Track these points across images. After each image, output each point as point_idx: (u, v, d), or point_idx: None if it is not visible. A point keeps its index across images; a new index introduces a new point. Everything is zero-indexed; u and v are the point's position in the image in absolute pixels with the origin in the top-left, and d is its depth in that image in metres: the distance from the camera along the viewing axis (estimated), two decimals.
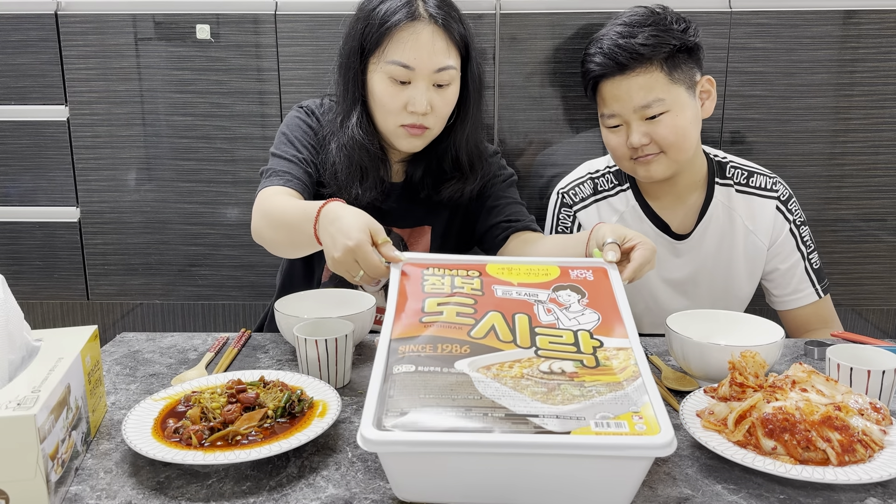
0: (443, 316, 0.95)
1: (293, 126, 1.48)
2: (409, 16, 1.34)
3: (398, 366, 0.87)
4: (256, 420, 0.94)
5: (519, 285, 1.03)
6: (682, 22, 1.43)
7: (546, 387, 0.84)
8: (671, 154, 1.43)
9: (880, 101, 1.83)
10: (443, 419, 0.79)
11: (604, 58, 1.42)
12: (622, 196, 1.57)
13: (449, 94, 1.39)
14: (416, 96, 1.35)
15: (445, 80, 1.37)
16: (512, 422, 0.79)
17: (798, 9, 1.78)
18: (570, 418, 0.79)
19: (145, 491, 0.85)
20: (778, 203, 1.54)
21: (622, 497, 0.81)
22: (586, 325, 0.96)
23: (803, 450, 0.88)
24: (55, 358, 0.91)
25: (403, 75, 1.35)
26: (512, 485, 0.81)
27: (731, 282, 1.56)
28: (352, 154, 1.40)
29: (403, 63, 1.34)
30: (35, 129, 1.92)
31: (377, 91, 1.38)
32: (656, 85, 1.40)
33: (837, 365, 1.03)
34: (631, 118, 1.42)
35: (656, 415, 0.80)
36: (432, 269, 1.05)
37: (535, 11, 1.80)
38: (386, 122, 1.40)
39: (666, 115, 1.40)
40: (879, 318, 2.05)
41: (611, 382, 0.86)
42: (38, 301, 2.06)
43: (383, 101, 1.37)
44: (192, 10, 1.84)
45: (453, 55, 1.37)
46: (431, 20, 1.34)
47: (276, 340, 1.34)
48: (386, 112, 1.38)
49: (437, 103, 1.37)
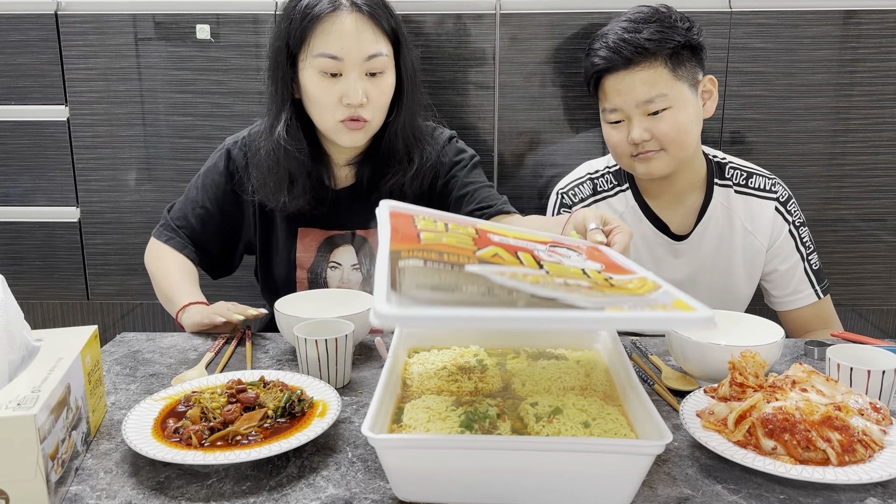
0: (443, 241, 0.86)
1: (206, 172, 1.53)
2: (331, 5, 1.32)
3: (405, 261, 0.75)
4: (256, 420, 0.94)
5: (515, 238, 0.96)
6: (687, 21, 1.44)
7: (567, 290, 0.74)
8: (671, 151, 1.43)
9: (880, 101, 1.83)
10: (462, 296, 0.68)
11: (608, 52, 1.42)
12: (621, 196, 1.57)
13: (384, 83, 1.37)
14: (349, 88, 1.32)
15: (378, 67, 1.34)
16: (539, 301, 0.67)
17: (798, 9, 1.78)
18: (601, 303, 0.70)
19: (145, 491, 0.85)
20: (777, 204, 1.54)
21: (622, 496, 0.81)
22: (592, 267, 0.87)
23: (803, 450, 0.88)
24: (55, 358, 0.91)
25: (333, 67, 1.32)
26: (512, 484, 0.81)
27: (731, 283, 1.56)
28: (278, 159, 1.39)
29: (331, 54, 1.31)
30: (35, 129, 1.93)
31: (310, 88, 1.35)
32: (660, 80, 1.40)
33: (837, 365, 1.03)
34: (633, 113, 1.42)
35: (688, 303, 0.71)
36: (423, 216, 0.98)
37: (535, 11, 1.80)
38: (324, 120, 1.38)
39: (668, 111, 1.41)
40: (879, 318, 2.05)
41: (633, 294, 0.76)
42: (38, 301, 2.06)
43: (317, 97, 1.35)
44: (192, 10, 1.84)
45: (382, 42, 1.35)
46: (354, 8, 1.33)
47: (276, 340, 1.34)
48: (322, 108, 1.36)
49: (373, 93, 1.35)
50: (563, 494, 0.81)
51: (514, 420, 0.93)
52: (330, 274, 1.53)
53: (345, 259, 1.52)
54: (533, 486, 0.81)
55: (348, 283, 1.53)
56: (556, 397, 0.97)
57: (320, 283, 1.53)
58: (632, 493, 0.81)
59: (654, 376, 1.16)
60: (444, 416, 0.90)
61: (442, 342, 1.17)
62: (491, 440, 0.82)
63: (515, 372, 1.07)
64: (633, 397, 0.93)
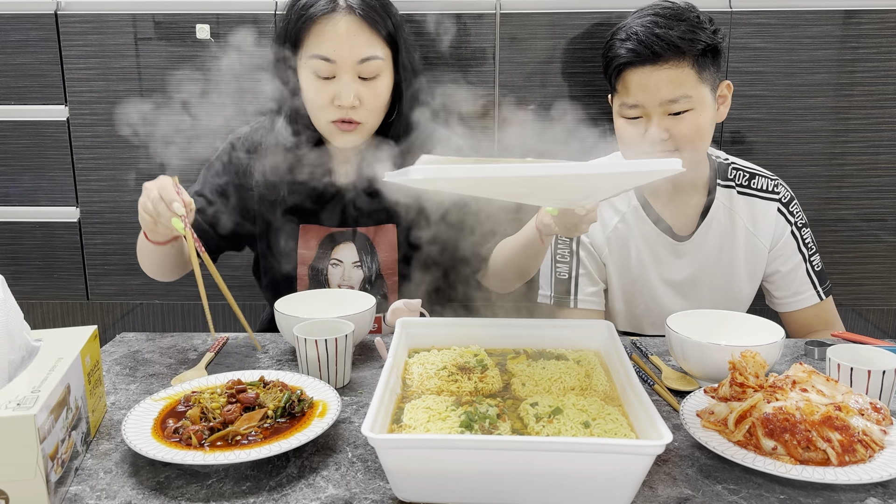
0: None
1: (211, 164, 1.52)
2: (326, 8, 1.33)
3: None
4: (256, 420, 0.94)
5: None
6: (712, 23, 1.42)
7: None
8: (685, 153, 1.42)
9: (880, 101, 1.83)
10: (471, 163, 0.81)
11: (638, 44, 1.38)
12: (624, 196, 1.57)
13: (379, 87, 1.37)
14: (341, 90, 1.34)
15: (371, 71, 1.35)
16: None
17: (798, 9, 1.78)
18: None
19: (145, 491, 0.85)
20: (779, 205, 1.54)
21: (622, 496, 0.81)
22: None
23: (803, 450, 0.88)
24: (55, 358, 0.91)
25: (326, 70, 1.34)
26: (512, 484, 0.81)
27: (732, 284, 1.56)
28: (279, 153, 1.42)
29: (323, 56, 1.33)
30: (35, 129, 1.92)
31: (304, 88, 1.38)
32: (686, 81, 1.38)
33: (838, 365, 1.03)
34: (654, 111, 1.40)
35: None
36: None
37: (535, 11, 1.80)
38: (318, 120, 1.40)
39: (689, 112, 1.39)
40: (879, 318, 2.05)
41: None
42: (38, 301, 2.06)
43: (310, 98, 1.37)
44: (192, 10, 1.84)
45: (378, 45, 1.35)
46: (349, 11, 1.33)
47: (276, 340, 1.34)
48: (315, 109, 1.38)
49: (366, 96, 1.36)
50: (563, 494, 0.81)
51: (514, 420, 0.93)
52: (331, 271, 1.53)
53: (346, 256, 1.52)
54: (533, 487, 0.81)
55: (349, 280, 1.53)
56: (557, 397, 0.97)
57: (321, 280, 1.53)
58: (632, 493, 0.81)
59: (654, 376, 1.16)
60: (444, 417, 0.90)
61: (442, 342, 1.17)
62: (491, 440, 0.82)
63: (515, 372, 1.07)
64: (633, 397, 0.93)
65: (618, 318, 1.58)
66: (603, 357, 1.13)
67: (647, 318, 1.58)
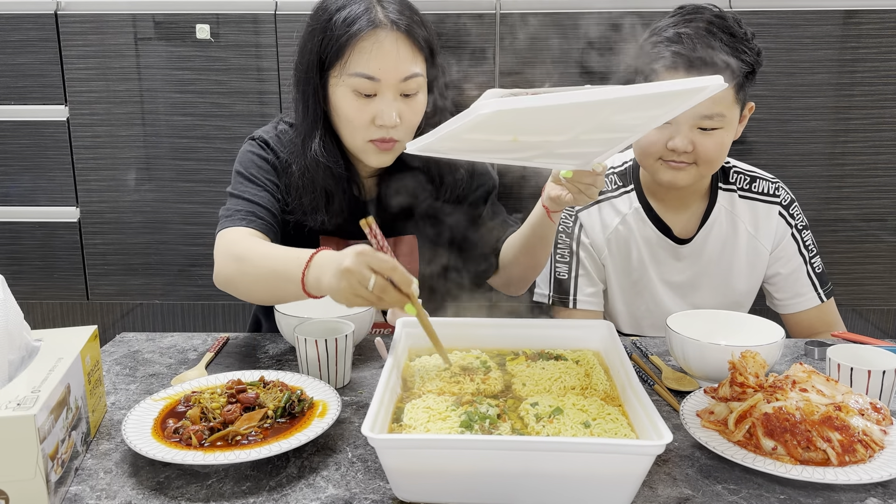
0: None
1: (248, 163, 1.37)
2: (370, 24, 1.24)
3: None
4: (256, 420, 0.94)
5: None
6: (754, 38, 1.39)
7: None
8: (703, 167, 1.40)
9: (880, 101, 1.83)
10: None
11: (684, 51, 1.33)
12: (625, 198, 1.56)
13: (417, 104, 1.31)
14: (384, 109, 1.26)
15: (413, 88, 1.29)
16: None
17: (798, 9, 1.78)
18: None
19: (145, 491, 0.85)
20: (780, 208, 1.53)
21: (622, 496, 0.81)
22: None
23: (803, 450, 0.88)
24: (55, 358, 0.91)
25: (369, 88, 1.26)
26: (512, 484, 0.81)
27: (732, 286, 1.56)
28: (315, 178, 1.33)
29: (368, 74, 1.25)
30: (35, 129, 1.92)
31: (342, 107, 1.29)
32: (724, 100, 1.35)
33: (838, 365, 1.03)
34: (685, 121, 1.36)
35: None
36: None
37: (535, 11, 1.80)
38: (353, 139, 1.32)
39: (719, 130, 1.37)
40: (879, 318, 2.05)
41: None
42: (38, 301, 2.06)
43: (349, 117, 1.29)
44: (192, 10, 1.84)
45: (419, 61, 1.30)
46: (394, 27, 1.26)
47: (276, 340, 1.34)
48: (353, 128, 1.30)
49: (406, 114, 1.29)
50: (564, 494, 0.81)
51: (515, 420, 0.93)
52: None
53: None
54: (533, 487, 0.81)
55: None
56: (557, 397, 0.97)
57: None
58: (632, 493, 0.81)
59: (654, 376, 1.16)
60: (444, 417, 0.90)
61: (442, 342, 1.17)
62: (491, 440, 0.82)
63: (515, 373, 1.07)
64: (633, 397, 0.93)
65: (618, 319, 1.58)
66: (603, 357, 1.13)
67: (648, 319, 1.58)
